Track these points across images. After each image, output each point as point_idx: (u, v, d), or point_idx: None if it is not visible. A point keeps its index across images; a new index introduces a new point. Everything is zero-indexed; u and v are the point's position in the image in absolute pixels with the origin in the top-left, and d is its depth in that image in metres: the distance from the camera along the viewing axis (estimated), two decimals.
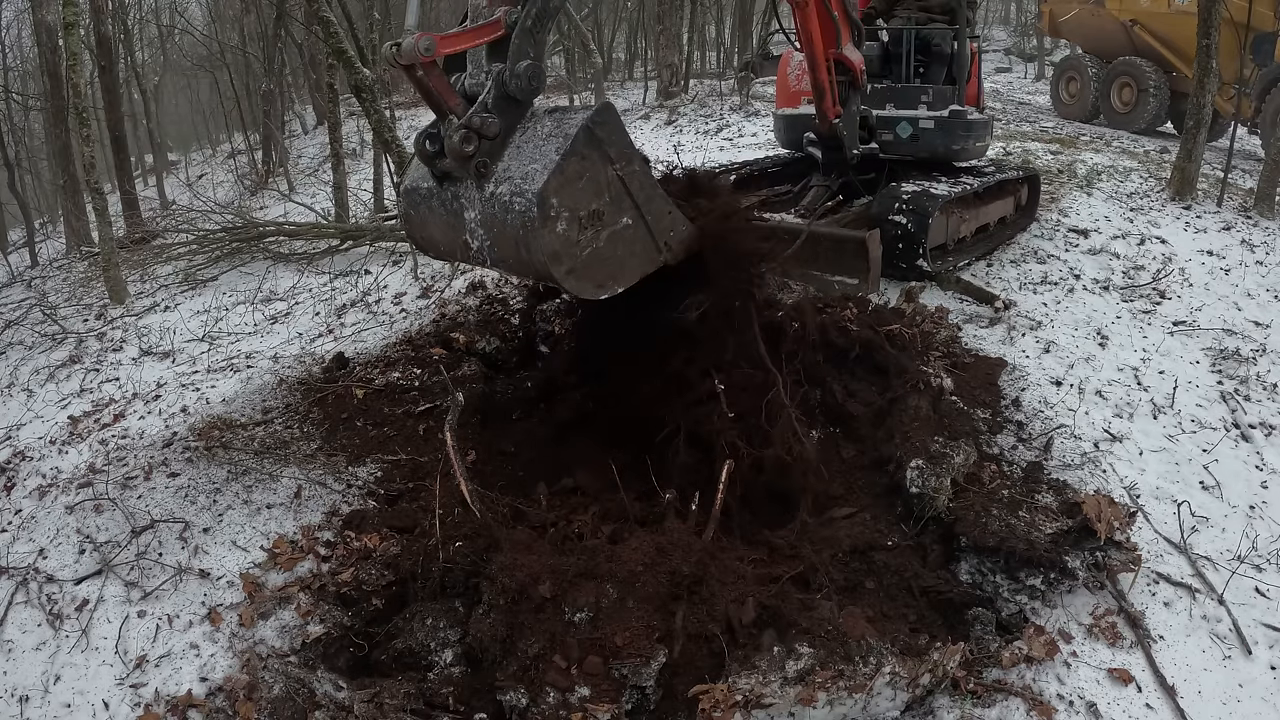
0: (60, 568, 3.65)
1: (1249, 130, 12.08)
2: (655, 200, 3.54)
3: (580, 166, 3.26)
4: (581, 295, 3.42)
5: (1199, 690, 3.21)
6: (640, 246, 3.53)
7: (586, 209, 3.30)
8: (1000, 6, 32.39)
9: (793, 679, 2.98)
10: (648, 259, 3.58)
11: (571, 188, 3.24)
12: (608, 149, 3.33)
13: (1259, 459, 4.55)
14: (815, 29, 5.66)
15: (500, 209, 3.30)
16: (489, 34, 3.34)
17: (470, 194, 3.45)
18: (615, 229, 3.41)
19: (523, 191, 3.21)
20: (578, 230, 3.28)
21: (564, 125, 3.31)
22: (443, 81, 3.33)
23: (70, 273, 10.67)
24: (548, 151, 3.24)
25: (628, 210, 3.43)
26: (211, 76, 21.27)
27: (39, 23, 12.79)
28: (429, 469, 4.18)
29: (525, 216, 3.19)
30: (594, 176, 3.30)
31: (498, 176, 3.34)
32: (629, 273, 3.54)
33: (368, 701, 3.04)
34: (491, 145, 3.35)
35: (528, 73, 3.34)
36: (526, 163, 3.28)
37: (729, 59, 21.42)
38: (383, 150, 8.49)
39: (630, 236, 3.47)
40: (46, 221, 20.05)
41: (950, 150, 6.56)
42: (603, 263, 3.41)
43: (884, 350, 4.78)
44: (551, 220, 3.19)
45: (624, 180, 3.39)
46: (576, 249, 3.29)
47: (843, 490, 4.26)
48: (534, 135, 3.36)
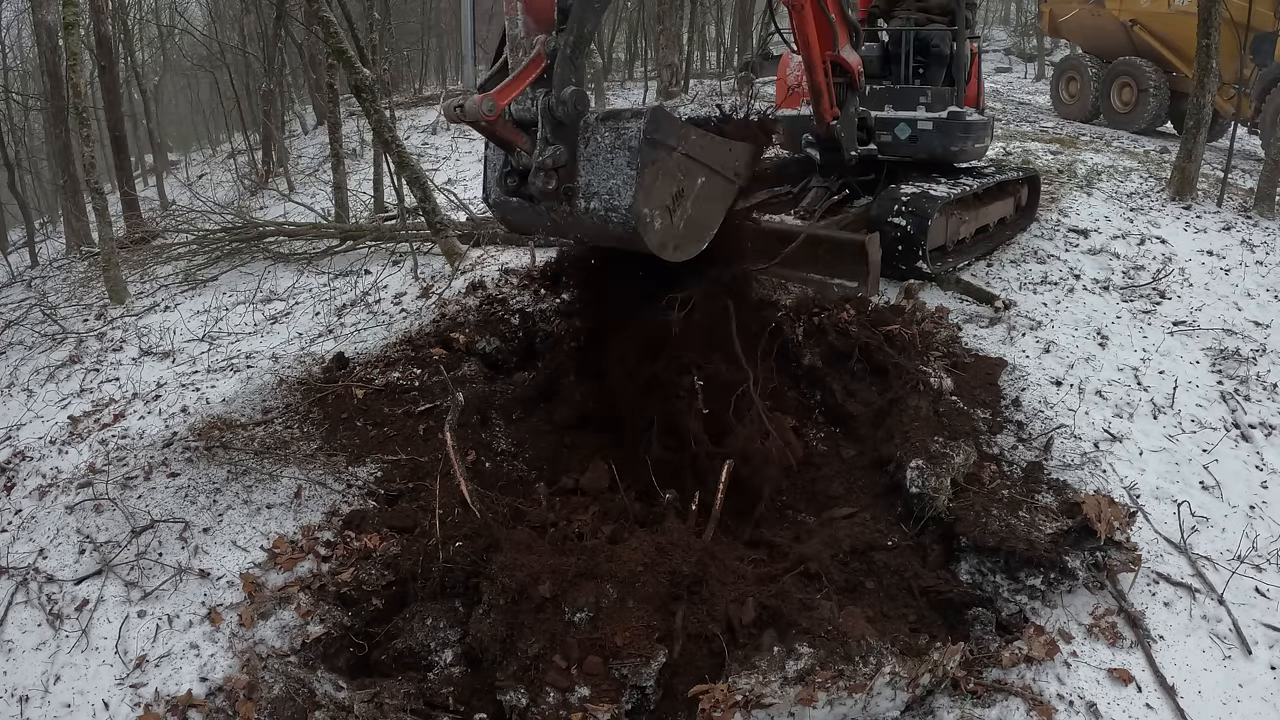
0: (60, 568, 3.65)
1: (1249, 130, 12.07)
2: (715, 149, 3.89)
3: (654, 171, 3.60)
4: (687, 257, 3.82)
5: (1199, 690, 3.21)
6: (718, 190, 3.92)
7: (670, 196, 3.68)
8: (1000, 6, 32.39)
9: (793, 679, 2.98)
10: (727, 195, 3.99)
11: (653, 190, 3.59)
12: (668, 141, 3.65)
13: (1259, 459, 4.55)
14: (811, 31, 5.65)
15: (600, 221, 3.65)
16: (535, 70, 3.56)
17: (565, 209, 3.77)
18: (695, 193, 3.79)
19: (615, 208, 3.58)
20: (669, 217, 3.69)
21: (623, 136, 3.60)
22: (509, 128, 3.60)
23: (70, 273, 10.68)
24: (620, 165, 3.57)
25: (699, 171, 3.80)
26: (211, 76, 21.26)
27: (39, 23, 12.80)
28: (429, 469, 4.18)
29: (626, 227, 3.57)
30: (666, 170, 3.66)
31: (584, 193, 3.66)
32: (716, 216, 3.94)
33: (368, 701, 3.04)
34: (564, 171, 3.66)
35: (573, 99, 3.58)
36: (605, 177, 3.61)
37: (729, 59, 21.42)
38: (383, 150, 8.48)
39: (707, 189, 3.84)
40: (46, 221, 20.04)
41: (949, 151, 6.55)
42: (696, 224, 3.82)
43: (883, 350, 4.78)
44: (648, 223, 3.58)
45: (688, 155, 3.75)
46: (675, 229, 3.72)
47: (843, 490, 4.27)
48: (598, 147, 3.66)
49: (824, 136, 6.32)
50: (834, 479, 4.34)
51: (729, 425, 4.03)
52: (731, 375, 4.10)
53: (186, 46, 24.41)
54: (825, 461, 4.47)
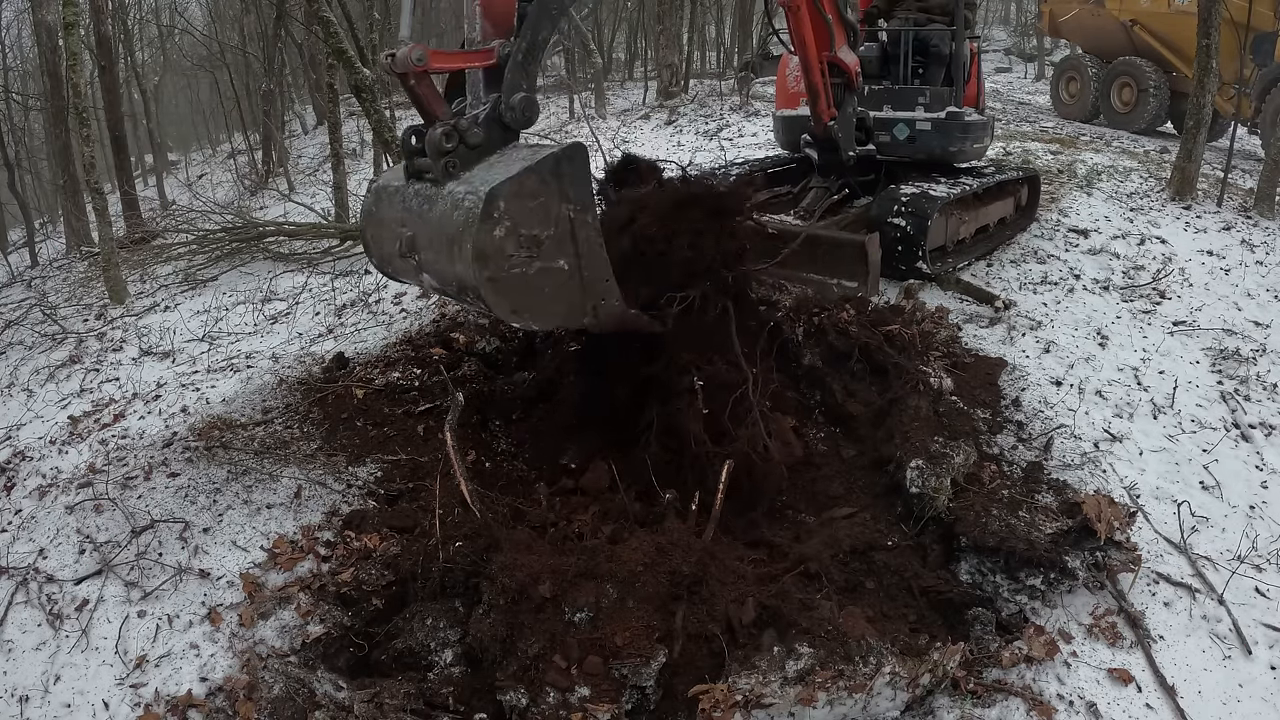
0: (60, 568, 3.65)
1: (1249, 130, 12.07)
2: (596, 260, 3.55)
3: (537, 187, 3.32)
4: (495, 311, 3.42)
5: (1199, 690, 3.21)
6: (568, 296, 3.53)
7: (528, 231, 3.33)
8: (1000, 6, 32.39)
9: (793, 679, 2.98)
10: (572, 313, 3.60)
11: (522, 203, 3.29)
12: (568, 187, 3.39)
13: (1259, 459, 4.55)
14: (808, 32, 5.65)
15: (451, 205, 3.37)
16: (481, 60, 3.53)
17: (430, 193, 3.53)
18: (549, 266, 3.43)
19: (476, 190, 3.29)
20: (514, 245, 3.31)
21: (538, 153, 3.44)
22: (432, 90, 3.48)
23: (70, 273, 10.68)
24: (513, 169, 3.35)
25: (568, 255, 3.45)
26: (211, 76, 21.28)
27: (39, 23, 12.80)
28: (429, 469, 4.18)
29: (470, 212, 3.24)
30: (546, 204, 3.35)
31: (462, 179, 3.44)
32: (548, 315, 3.57)
33: (368, 701, 3.04)
34: (468, 154, 3.47)
35: (522, 104, 3.53)
36: (490, 175, 3.38)
37: (729, 59, 21.43)
38: (383, 150, 8.50)
39: (561, 281, 3.48)
40: (46, 221, 20.05)
41: (947, 152, 6.55)
42: (525, 290, 3.41)
43: (883, 350, 4.78)
44: (492, 221, 3.23)
45: (573, 225, 3.43)
46: (505, 262, 3.31)
47: (843, 490, 4.27)
48: (507, 157, 3.50)
49: (822, 137, 6.33)
50: (834, 479, 4.34)
51: (728, 425, 4.03)
52: (731, 375, 4.10)
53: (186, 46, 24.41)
54: (825, 461, 4.47)
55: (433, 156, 3.44)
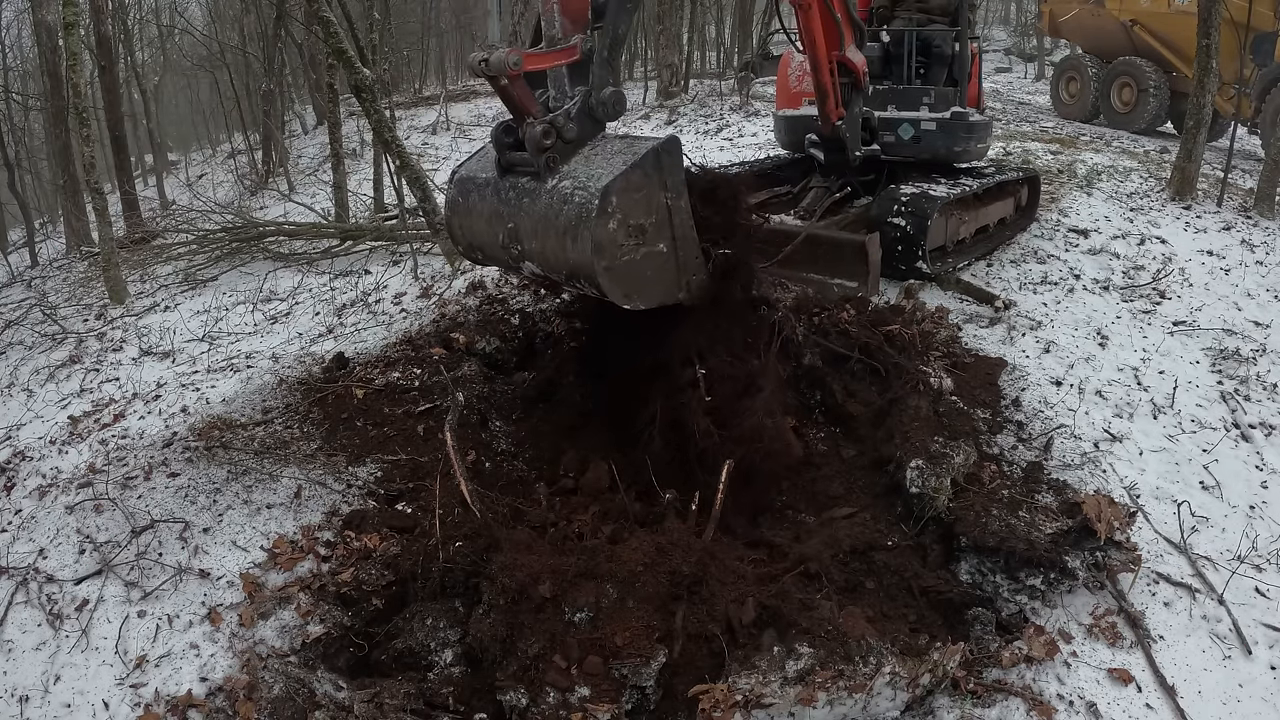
0: (60, 568, 3.65)
1: (1249, 130, 12.07)
2: (689, 241, 3.84)
3: (641, 180, 3.58)
4: (609, 296, 3.67)
5: (1199, 690, 3.21)
6: (667, 276, 3.82)
7: (635, 221, 3.61)
8: (1000, 6, 32.39)
9: (793, 679, 2.98)
10: (669, 291, 3.86)
11: (629, 196, 3.56)
12: (666, 177, 3.66)
13: (1259, 459, 4.55)
14: (818, 31, 5.64)
15: (559, 200, 3.59)
16: (566, 58, 3.74)
17: (531, 186, 3.74)
18: (652, 250, 3.71)
19: (586, 187, 3.53)
20: (624, 235, 3.59)
21: (634, 146, 3.67)
22: (526, 91, 3.64)
23: (70, 273, 10.67)
24: (615, 164, 3.58)
25: (665, 239, 3.74)
26: (211, 76, 21.26)
27: (39, 23, 12.79)
28: (429, 469, 4.18)
29: (584, 208, 3.49)
30: (649, 195, 3.62)
31: (563, 174, 3.66)
32: (651, 294, 3.81)
33: (368, 701, 3.04)
34: (564, 148, 3.68)
35: (612, 99, 3.73)
36: (593, 169, 3.61)
37: (729, 59, 21.42)
38: (383, 150, 8.48)
39: (661, 263, 3.76)
40: (46, 221, 20.04)
41: (952, 152, 6.55)
42: (634, 275, 3.69)
43: (883, 350, 4.78)
44: (607, 215, 3.49)
45: (670, 211, 3.72)
46: (618, 251, 3.59)
47: (843, 490, 4.26)
48: (604, 150, 3.72)
49: (829, 137, 6.31)
50: (834, 479, 4.34)
51: (731, 422, 4.03)
52: (734, 369, 4.10)
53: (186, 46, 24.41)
54: (825, 461, 4.47)
55: (533, 153, 3.62)
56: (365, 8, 12.31)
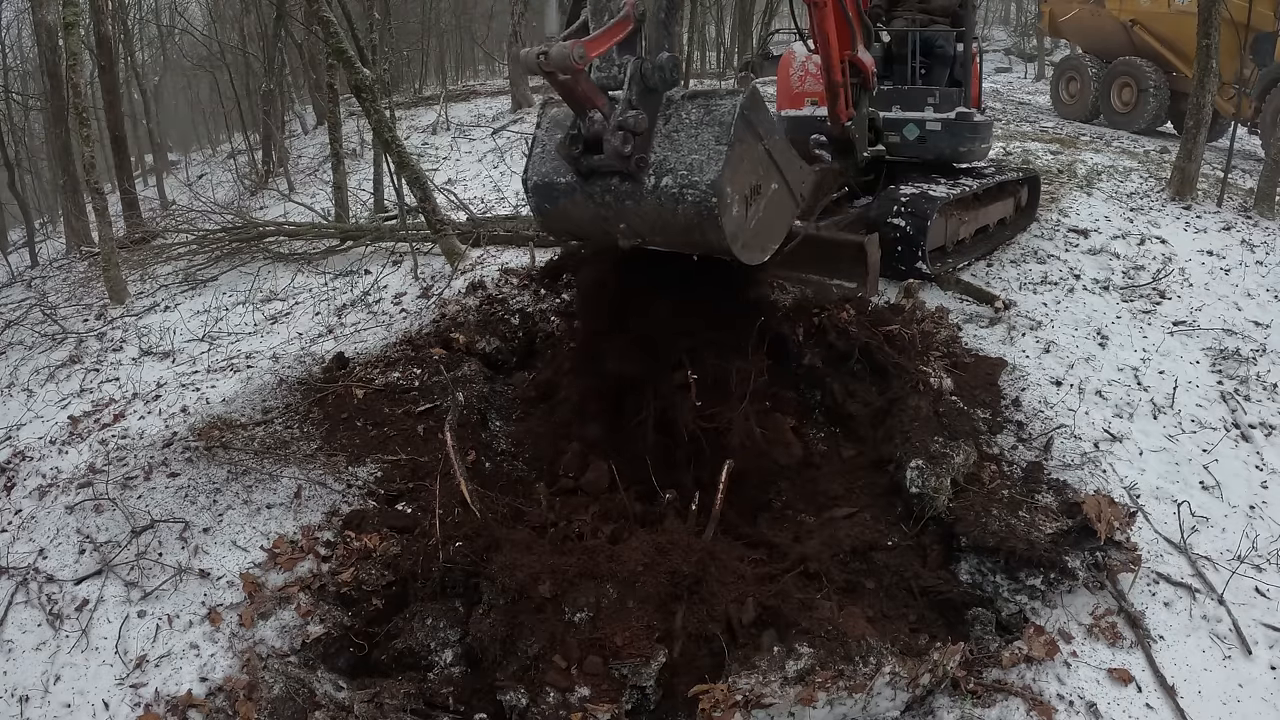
0: (60, 568, 3.65)
1: (1249, 130, 12.06)
2: (792, 160, 3.80)
3: (742, 151, 3.47)
4: (751, 262, 3.66)
5: (1199, 690, 3.21)
6: (786, 204, 3.81)
7: (750, 186, 3.55)
8: (1000, 6, 32.37)
9: (793, 679, 2.98)
10: (790, 213, 3.86)
11: (738, 172, 3.45)
12: (759, 128, 3.54)
13: (1259, 459, 4.55)
14: (832, 30, 5.61)
15: (669, 200, 3.45)
16: (622, 30, 3.48)
17: (625, 188, 3.57)
18: (769, 196, 3.68)
19: (694, 184, 3.39)
20: (745, 208, 3.53)
21: (715, 112, 3.46)
22: (591, 85, 3.43)
23: (70, 273, 10.67)
24: (706, 141, 3.40)
25: (775, 176, 3.69)
26: (211, 76, 21.23)
27: (39, 23, 12.78)
28: (429, 469, 4.18)
29: (702, 207, 3.38)
30: (753, 157, 3.54)
31: (656, 168, 3.48)
32: (779, 230, 3.83)
33: (368, 701, 3.04)
34: (641, 140, 3.49)
35: (669, 64, 3.48)
36: (685, 153, 3.44)
37: (729, 59, 21.41)
38: (383, 150, 8.47)
39: (779, 199, 3.74)
40: (46, 221, 20.03)
41: (957, 152, 6.55)
42: (765, 229, 3.68)
43: (883, 350, 4.78)
44: (727, 207, 3.40)
45: (770, 152, 3.64)
46: (747, 224, 3.55)
47: (843, 490, 4.27)
48: (682, 123, 3.50)
49: (839, 137, 6.29)
50: (834, 479, 4.34)
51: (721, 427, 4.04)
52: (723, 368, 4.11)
53: (186, 46, 24.38)
54: (825, 461, 4.48)
55: (618, 162, 3.45)
56: (365, 8, 12.30)
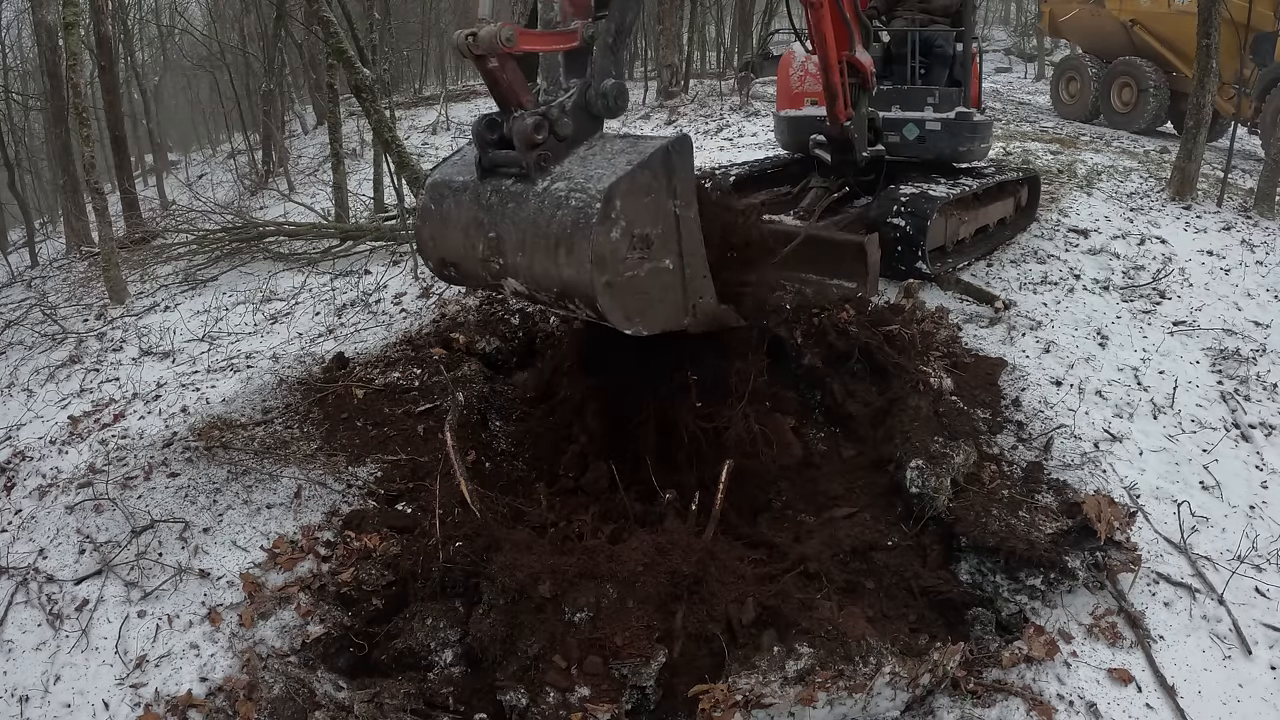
0: (60, 568, 3.65)
1: (1249, 130, 12.07)
2: (697, 257, 3.42)
3: (649, 183, 3.15)
4: (608, 317, 3.19)
5: (1199, 690, 3.21)
6: (671, 296, 3.37)
7: (640, 230, 3.17)
8: (1000, 6, 32.39)
9: (793, 679, 2.98)
10: (674, 314, 3.42)
11: (636, 200, 3.13)
12: (676, 182, 3.24)
13: (1259, 459, 4.55)
14: (829, 31, 5.61)
15: (551, 204, 3.15)
16: (565, 42, 3.34)
17: (517, 189, 3.30)
18: (657, 265, 3.27)
19: (585, 189, 3.09)
20: (627, 247, 3.13)
21: (640, 146, 3.23)
22: (518, 75, 3.25)
23: (70, 273, 10.67)
24: (619, 164, 3.14)
25: (672, 253, 3.30)
26: (211, 76, 21.26)
27: (39, 23, 12.78)
28: (429, 469, 4.18)
29: (582, 213, 3.05)
30: (657, 200, 3.20)
31: (555, 175, 3.23)
32: (654, 318, 3.36)
33: (368, 701, 3.04)
34: (558, 146, 3.27)
35: (613, 91, 3.31)
36: (592, 169, 3.18)
37: (729, 59, 21.42)
38: (383, 150, 8.48)
39: (666, 281, 3.33)
40: (46, 221, 20.03)
41: (957, 152, 6.56)
42: (636, 294, 3.23)
43: (883, 350, 4.78)
44: (610, 222, 3.04)
45: (679, 221, 3.29)
46: (621, 265, 3.13)
47: (843, 490, 4.27)
48: (603, 150, 3.29)
49: (838, 137, 6.29)
50: (834, 479, 4.34)
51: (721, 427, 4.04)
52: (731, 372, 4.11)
53: (186, 46, 24.41)
54: (825, 461, 4.48)
55: (522, 149, 3.20)
56: (365, 8, 12.32)
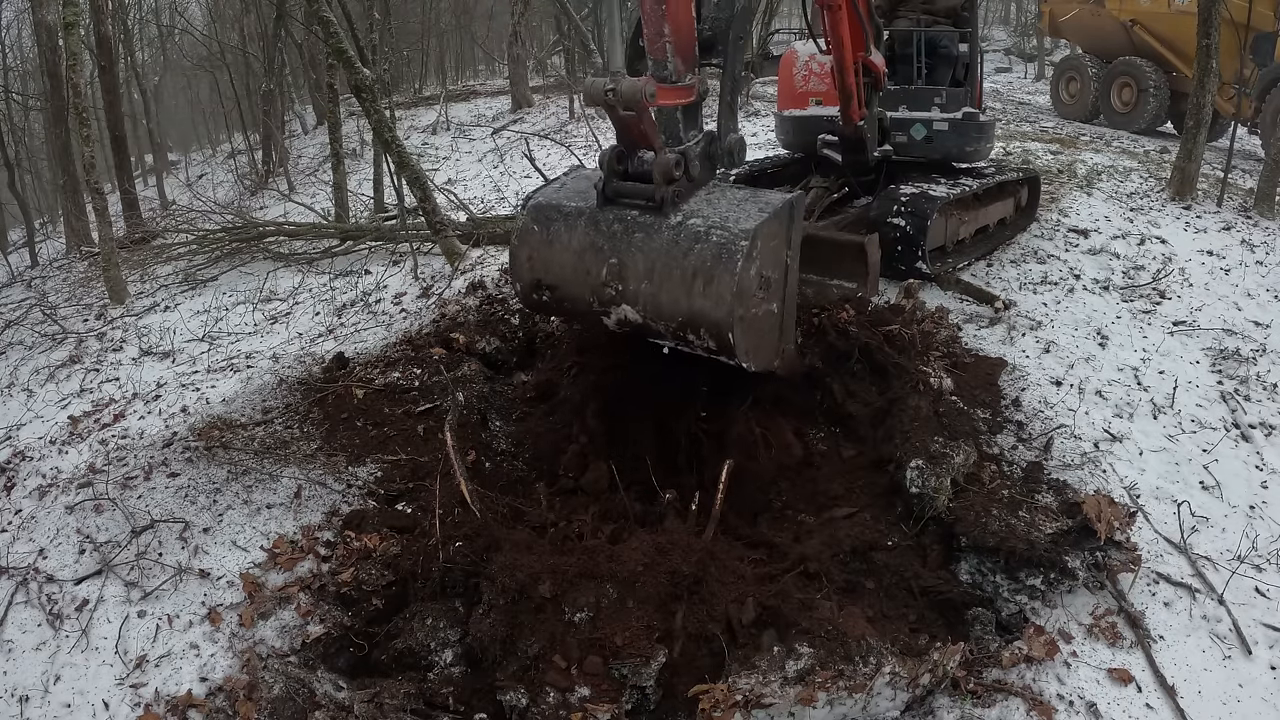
0: (60, 568, 3.65)
1: (1249, 130, 12.06)
2: (792, 305, 3.67)
3: (777, 230, 3.41)
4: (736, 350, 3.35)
5: (1199, 690, 3.21)
6: (773, 337, 3.59)
7: (767, 272, 3.41)
8: (1000, 6, 32.36)
9: (793, 679, 2.98)
10: (772, 354, 3.62)
11: (768, 244, 3.37)
12: (793, 233, 3.52)
13: (1259, 459, 4.55)
14: (846, 32, 5.59)
15: (689, 237, 3.35)
16: (686, 97, 3.67)
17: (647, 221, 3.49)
18: (769, 308, 3.49)
19: (726, 226, 3.31)
20: (757, 285, 3.36)
21: (762, 196, 3.50)
22: (652, 124, 3.49)
23: (70, 273, 10.67)
24: (749, 210, 3.37)
25: (778, 298, 3.54)
26: (211, 76, 21.25)
27: (39, 23, 12.78)
28: (429, 469, 4.18)
29: (726, 249, 3.25)
30: (778, 248, 3.47)
31: (688, 211, 3.45)
32: (762, 356, 3.54)
33: (368, 701, 3.04)
34: (688, 185, 3.54)
35: (738, 146, 3.70)
36: (724, 211, 3.40)
37: None
38: (383, 150, 8.48)
39: (773, 323, 3.56)
40: (46, 221, 20.02)
41: (963, 152, 6.56)
42: (755, 331, 3.44)
43: (883, 350, 4.77)
44: (751, 260, 3.26)
45: (788, 270, 3.55)
46: (751, 301, 3.33)
47: (843, 490, 4.26)
48: (726, 196, 3.51)
49: (851, 137, 6.28)
50: (834, 479, 4.34)
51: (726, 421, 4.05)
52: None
53: (186, 46, 24.39)
54: (825, 461, 4.47)
55: (660, 182, 3.45)
56: (365, 8, 12.31)
